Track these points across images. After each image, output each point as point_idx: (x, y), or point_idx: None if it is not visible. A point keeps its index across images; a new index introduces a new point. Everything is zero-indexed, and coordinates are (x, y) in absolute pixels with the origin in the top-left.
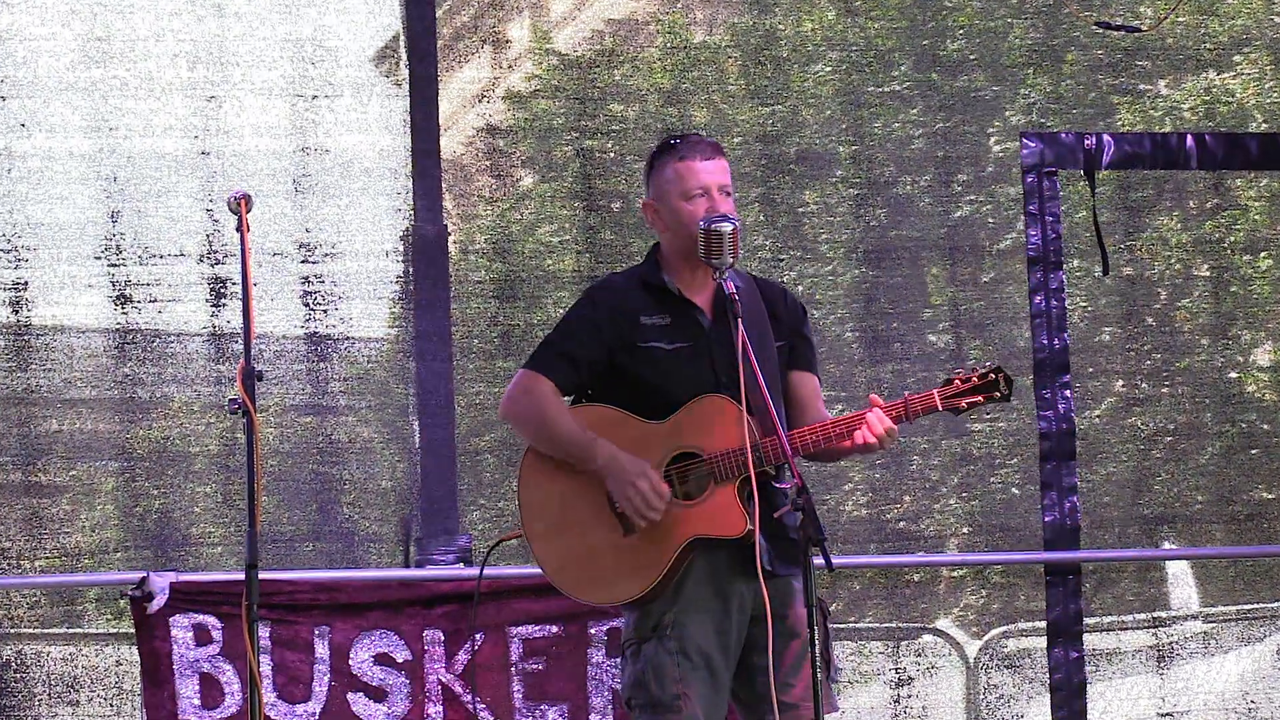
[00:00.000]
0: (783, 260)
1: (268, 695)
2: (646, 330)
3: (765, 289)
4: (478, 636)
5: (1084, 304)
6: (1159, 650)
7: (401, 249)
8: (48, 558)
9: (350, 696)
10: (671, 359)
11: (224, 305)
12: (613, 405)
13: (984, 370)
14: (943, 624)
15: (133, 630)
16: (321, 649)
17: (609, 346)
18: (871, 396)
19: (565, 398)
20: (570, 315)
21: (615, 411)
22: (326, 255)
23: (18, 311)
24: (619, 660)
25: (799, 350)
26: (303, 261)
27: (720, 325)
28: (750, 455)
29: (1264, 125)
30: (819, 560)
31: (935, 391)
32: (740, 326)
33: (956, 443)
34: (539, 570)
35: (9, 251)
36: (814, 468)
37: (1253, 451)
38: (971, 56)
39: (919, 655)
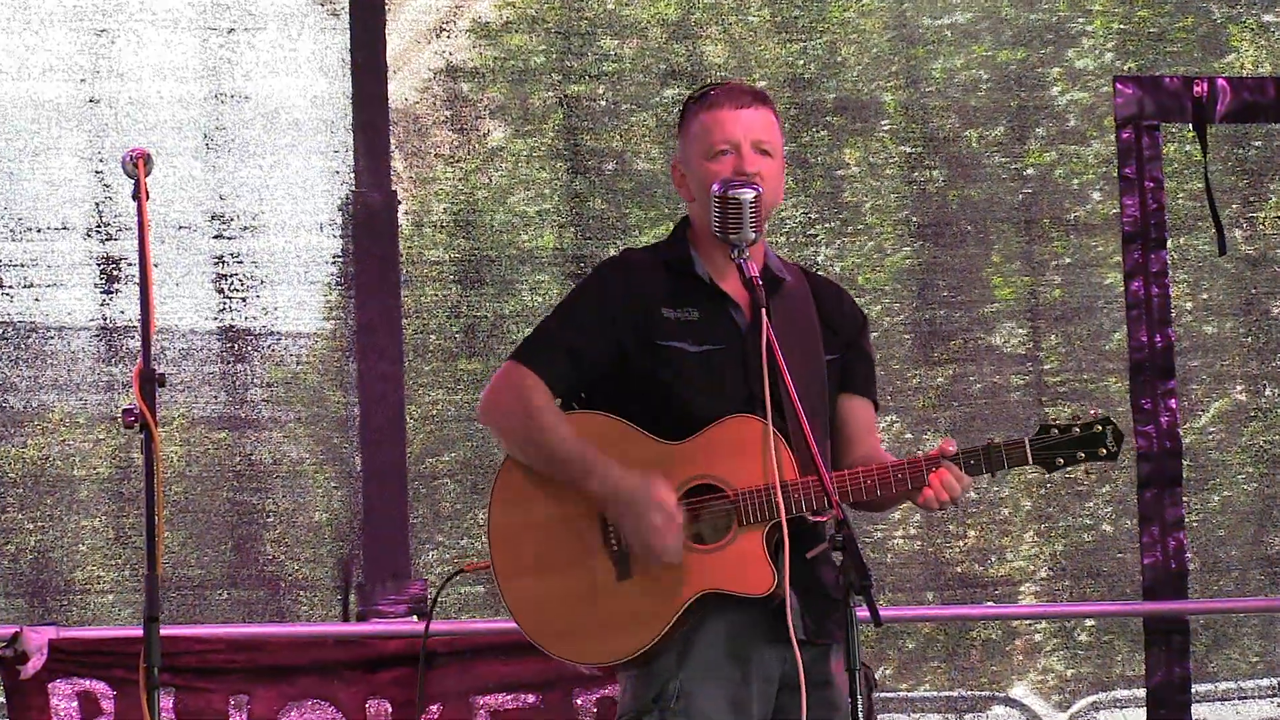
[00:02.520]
0: (817, 234)
1: None
2: (669, 326)
3: (819, 287)
4: (433, 708)
5: (1193, 290)
6: None
7: (340, 221)
8: None
9: None
10: (698, 364)
11: (117, 291)
12: (615, 416)
13: (1087, 421)
14: (1018, 692)
15: (2, 699)
16: None
17: (620, 341)
18: (944, 442)
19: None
20: (575, 296)
21: (618, 424)
22: (246, 229)
23: None
24: None
25: (854, 368)
26: (216, 237)
27: (756, 326)
28: (780, 494)
29: None
30: (863, 612)
31: (1026, 440)
32: (767, 321)
33: (1034, 466)
34: (511, 622)
35: None
36: None
37: None
38: None
39: None
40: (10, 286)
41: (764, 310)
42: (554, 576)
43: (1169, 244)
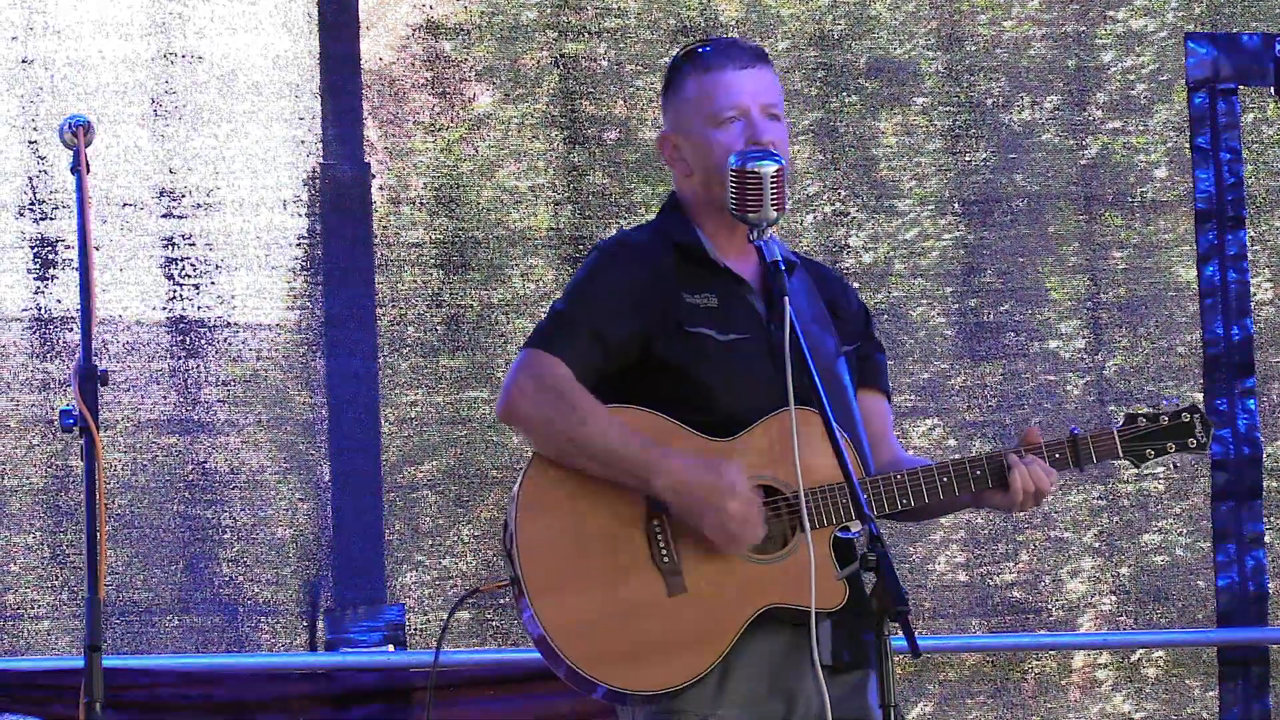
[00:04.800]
0: (848, 216)
1: None
2: (694, 311)
3: (820, 275)
4: None
5: (1275, 277)
6: None
7: (305, 197)
8: None
9: None
10: (725, 355)
11: (54, 278)
12: (658, 413)
13: (1174, 409)
14: None
15: None
16: None
17: (645, 326)
18: (1029, 430)
19: None
20: (589, 278)
21: (662, 420)
22: (199, 207)
23: None
24: None
25: (870, 360)
26: (165, 215)
27: (776, 313)
28: (849, 492)
29: None
30: (899, 641)
31: (1115, 431)
32: (790, 310)
33: (1094, 476)
34: (502, 655)
35: None
36: None
37: None
38: None
39: None
40: None
41: (785, 299)
42: (594, 594)
43: (1248, 224)
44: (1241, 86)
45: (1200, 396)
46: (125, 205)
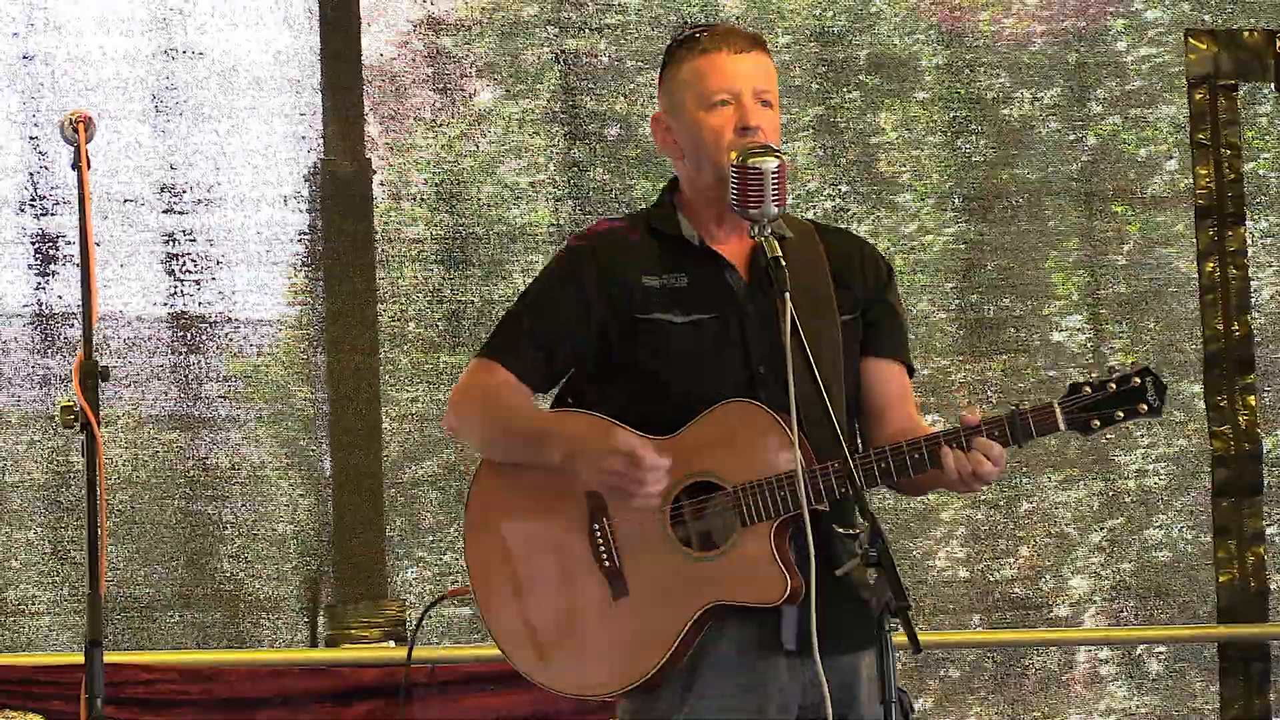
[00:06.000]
0: (849, 211)
1: None
2: (651, 296)
3: (832, 243)
4: None
5: (1277, 273)
6: None
7: (306, 193)
8: None
9: None
10: (687, 336)
11: (55, 273)
12: (598, 415)
13: (1124, 374)
14: None
15: None
16: None
17: (598, 320)
18: (964, 413)
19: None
20: (541, 277)
21: (600, 422)
22: (200, 202)
23: None
24: None
25: (879, 326)
26: (166, 211)
27: (761, 290)
28: (776, 486)
29: None
30: (900, 637)
31: (1055, 404)
32: (789, 304)
33: (1095, 472)
34: (497, 650)
35: None
36: (892, 502)
37: None
38: None
39: None
40: None
41: (787, 295)
42: (542, 602)
43: (1249, 220)
44: (1243, 83)
45: (1200, 391)
46: (126, 201)
